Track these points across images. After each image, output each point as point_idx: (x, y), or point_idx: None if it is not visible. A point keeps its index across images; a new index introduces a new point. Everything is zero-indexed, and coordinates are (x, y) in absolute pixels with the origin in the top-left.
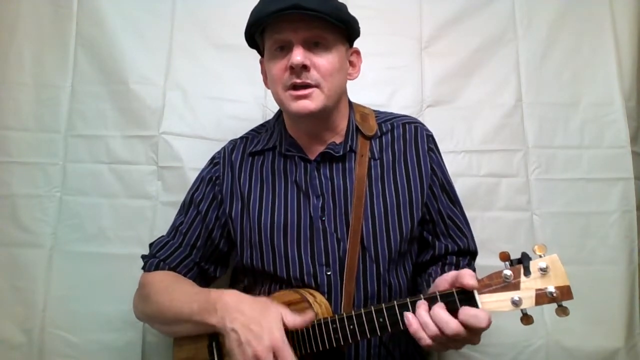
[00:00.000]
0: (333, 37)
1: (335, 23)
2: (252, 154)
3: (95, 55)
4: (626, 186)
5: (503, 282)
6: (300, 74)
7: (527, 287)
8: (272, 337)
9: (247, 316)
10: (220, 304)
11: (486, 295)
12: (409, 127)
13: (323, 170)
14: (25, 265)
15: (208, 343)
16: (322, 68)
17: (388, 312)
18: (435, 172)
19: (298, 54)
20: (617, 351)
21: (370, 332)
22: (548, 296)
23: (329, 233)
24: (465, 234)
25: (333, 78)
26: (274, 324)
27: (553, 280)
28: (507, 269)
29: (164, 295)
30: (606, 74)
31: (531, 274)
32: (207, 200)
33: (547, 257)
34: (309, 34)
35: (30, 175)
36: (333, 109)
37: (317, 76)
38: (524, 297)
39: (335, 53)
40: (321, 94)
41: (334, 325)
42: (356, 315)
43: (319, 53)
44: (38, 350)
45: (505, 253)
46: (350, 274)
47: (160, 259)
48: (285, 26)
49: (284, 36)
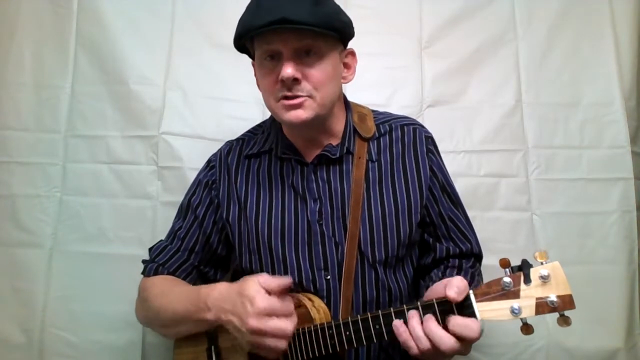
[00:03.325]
0: (325, 44)
1: (326, 33)
2: (248, 156)
3: (95, 55)
4: (626, 186)
5: (502, 289)
6: (291, 87)
7: (527, 295)
8: (255, 306)
9: (231, 302)
10: (211, 301)
11: (484, 303)
12: (408, 128)
13: (320, 173)
14: (25, 265)
15: (207, 347)
16: (314, 79)
17: (384, 320)
18: (435, 173)
19: (288, 66)
20: (617, 351)
21: (366, 339)
22: (549, 305)
23: (326, 237)
24: (468, 236)
25: (326, 87)
26: (252, 292)
27: (554, 289)
28: (506, 276)
29: (162, 298)
30: (606, 74)
31: (532, 282)
32: (204, 204)
33: (548, 264)
34: (299, 45)
35: (30, 175)
36: (328, 115)
37: (309, 87)
38: (523, 305)
39: (328, 60)
40: (313, 103)
41: (330, 331)
42: (352, 321)
43: (310, 63)
44: (38, 350)
45: (505, 260)
46: (348, 278)
47: (159, 264)
48: (274, 37)
49: (273, 47)
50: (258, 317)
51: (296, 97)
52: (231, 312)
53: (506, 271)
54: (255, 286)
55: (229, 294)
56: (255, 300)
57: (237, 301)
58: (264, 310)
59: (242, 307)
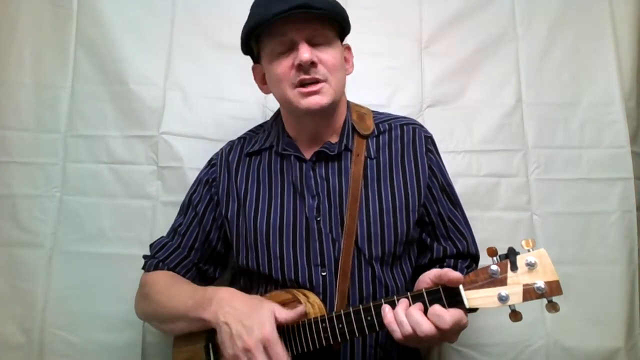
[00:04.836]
0: (332, 33)
1: (339, 20)
2: (249, 154)
3: (95, 55)
4: (626, 186)
5: (490, 277)
6: (308, 70)
7: (514, 282)
8: (263, 331)
9: (239, 311)
10: (215, 299)
11: (472, 291)
12: (407, 127)
13: (318, 170)
14: (25, 265)
15: (205, 344)
16: (329, 63)
17: (376, 311)
18: (434, 173)
19: (305, 51)
20: (617, 351)
21: (358, 331)
22: (536, 292)
23: (324, 234)
24: (466, 236)
25: (338, 72)
26: (265, 318)
27: (542, 276)
28: (493, 264)
29: (162, 294)
30: (606, 74)
31: (518, 269)
32: (204, 202)
33: (535, 251)
34: (313, 33)
35: (30, 175)
36: (338, 105)
37: (324, 71)
38: (511, 292)
39: (336, 49)
40: (330, 88)
41: (324, 325)
42: (345, 314)
43: (322, 49)
44: (38, 350)
45: (492, 248)
46: (345, 274)
47: (160, 260)
48: (289, 26)
49: (287, 37)
50: (258, 344)
51: (316, 82)
52: (234, 318)
53: (494, 259)
54: (270, 311)
55: (239, 302)
56: (266, 327)
57: (247, 313)
58: (267, 341)
59: (249, 322)
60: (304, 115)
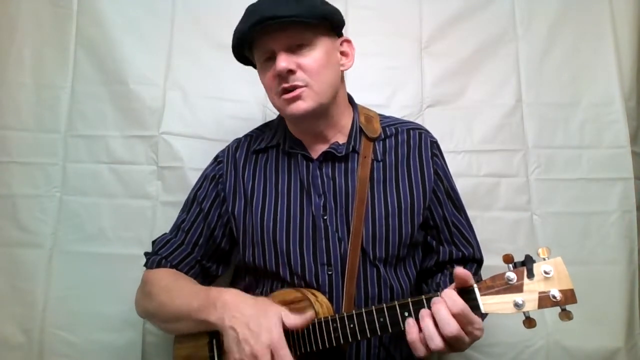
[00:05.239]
0: (314, 34)
1: (313, 22)
2: (256, 151)
3: (95, 55)
4: (626, 186)
5: (506, 284)
6: (287, 79)
7: (530, 289)
8: (270, 336)
9: (246, 315)
10: (220, 302)
11: (488, 296)
12: (414, 132)
13: (325, 170)
14: (25, 265)
15: (208, 340)
16: (308, 67)
17: (389, 312)
18: (439, 176)
19: (281, 60)
20: (617, 351)
21: (370, 331)
22: (551, 299)
23: (330, 232)
24: (471, 242)
25: (321, 75)
26: (272, 323)
27: (557, 284)
28: (510, 271)
29: (165, 293)
30: (606, 74)
31: (534, 277)
32: (210, 198)
33: (551, 260)
34: (289, 40)
35: (30, 175)
36: (330, 104)
37: (304, 76)
38: (526, 299)
39: (321, 49)
40: (311, 92)
41: (334, 324)
42: (357, 314)
43: (303, 53)
44: (38, 350)
45: (509, 255)
46: (351, 275)
47: (162, 257)
48: (266, 38)
49: (267, 47)
50: (266, 349)
51: (294, 89)
52: (241, 323)
53: (509, 266)
54: (277, 316)
55: (247, 306)
56: (273, 333)
57: (254, 318)
58: (275, 347)
59: (256, 328)
60: (295, 120)
